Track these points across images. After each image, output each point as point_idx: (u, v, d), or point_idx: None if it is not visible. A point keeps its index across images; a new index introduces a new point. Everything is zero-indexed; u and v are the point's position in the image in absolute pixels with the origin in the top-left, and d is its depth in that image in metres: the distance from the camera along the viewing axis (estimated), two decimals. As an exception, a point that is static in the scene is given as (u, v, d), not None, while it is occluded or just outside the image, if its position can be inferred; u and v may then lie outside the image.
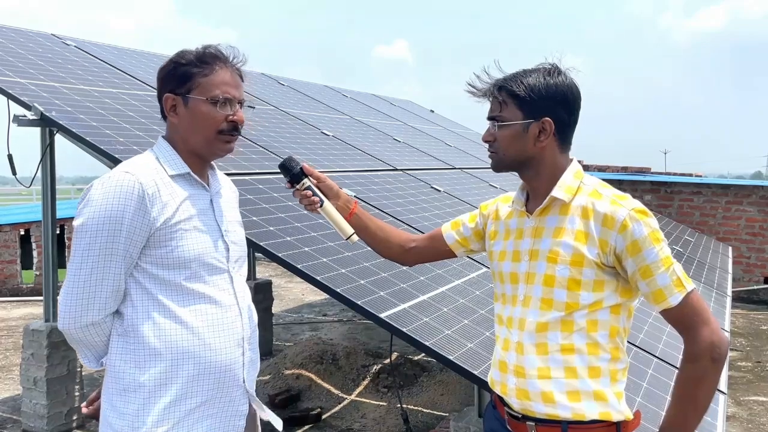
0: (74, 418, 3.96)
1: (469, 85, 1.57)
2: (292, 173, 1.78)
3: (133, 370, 1.51)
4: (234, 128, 1.61)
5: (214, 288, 1.57)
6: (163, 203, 1.51)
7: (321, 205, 1.77)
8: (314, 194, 1.77)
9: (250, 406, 1.66)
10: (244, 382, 1.62)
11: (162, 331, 1.51)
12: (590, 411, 1.45)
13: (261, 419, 1.75)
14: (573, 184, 1.52)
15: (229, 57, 1.62)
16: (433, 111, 9.50)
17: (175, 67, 1.59)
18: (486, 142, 1.58)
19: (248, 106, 1.69)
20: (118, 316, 1.55)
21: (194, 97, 1.57)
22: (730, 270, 6.31)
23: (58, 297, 3.85)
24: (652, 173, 9.12)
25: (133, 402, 1.50)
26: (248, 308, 1.66)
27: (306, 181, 1.78)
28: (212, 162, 1.69)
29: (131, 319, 1.52)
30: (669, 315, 1.45)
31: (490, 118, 1.56)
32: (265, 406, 1.72)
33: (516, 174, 1.61)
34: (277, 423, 1.74)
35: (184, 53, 1.60)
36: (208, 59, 1.58)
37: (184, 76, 1.57)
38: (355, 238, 1.81)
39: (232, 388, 1.59)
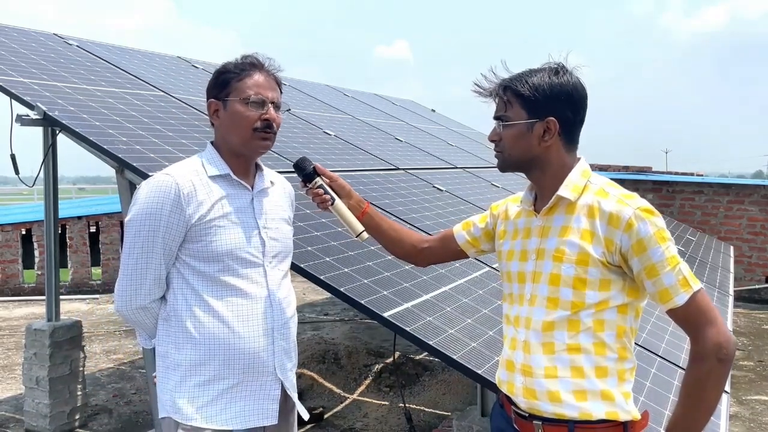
0: (76, 417, 3.97)
1: (476, 84, 1.58)
2: (305, 172, 1.86)
3: (174, 350, 1.70)
4: (268, 126, 1.73)
5: (247, 281, 1.71)
6: (198, 202, 1.67)
7: (332, 203, 1.84)
8: (326, 192, 1.84)
9: (284, 392, 1.78)
10: (275, 369, 1.74)
11: (196, 318, 1.68)
12: (597, 410, 1.45)
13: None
14: (579, 183, 1.52)
15: (264, 64, 1.77)
16: (434, 110, 9.50)
17: (217, 76, 1.76)
18: (492, 141, 1.59)
19: (286, 110, 1.82)
20: (163, 301, 1.74)
21: (231, 99, 1.72)
22: (732, 269, 6.30)
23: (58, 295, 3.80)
24: (653, 173, 9.12)
25: (172, 378, 1.70)
26: (282, 300, 1.77)
27: (318, 180, 1.85)
28: (261, 164, 1.84)
29: (172, 305, 1.71)
30: (675, 315, 1.45)
31: (495, 118, 1.57)
32: (295, 395, 1.83)
33: (518, 173, 1.61)
34: (303, 413, 1.86)
35: (226, 64, 1.77)
36: (245, 66, 1.75)
37: (223, 83, 1.74)
38: (365, 235, 1.85)
39: (262, 374, 1.72)
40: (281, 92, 1.80)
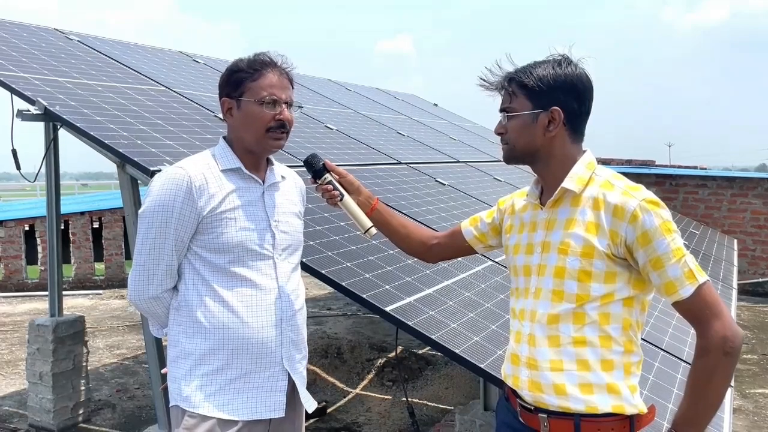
0: (80, 412, 3.98)
1: (481, 78, 1.58)
2: (315, 169, 1.88)
3: (184, 339, 1.72)
4: (281, 126, 1.76)
5: (256, 272, 1.73)
6: (210, 194, 1.70)
7: (341, 200, 1.86)
8: (335, 188, 1.86)
9: (292, 384, 1.78)
10: (282, 360, 1.75)
11: (207, 308, 1.70)
12: (603, 404, 1.45)
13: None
14: (584, 175, 1.51)
15: (277, 62, 1.79)
16: (436, 105, 9.47)
17: (230, 74, 1.78)
18: (498, 134, 1.59)
19: (298, 107, 1.85)
20: (175, 291, 1.76)
21: (245, 100, 1.74)
22: (736, 263, 6.29)
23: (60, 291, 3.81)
24: (656, 166, 9.09)
25: (182, 367, 1.72)
26: (291, 292, 1.79)
27: (327, 176, 1.88)
28: (272, 159, 1.86)
29: (184, 295, 1.74)
30: (681, 307, 1.44)
31: (501, 110, 1.57)
32: (303, 387, 1.82)
33: (521, 167, 1.60)
34: (309, 405, 1.84)
35: (238, 62, 1.79)
36: (257, 66, 1.76)
37: (237, 82, 1.76)
38: (373, 231, 1.85)
39: (269, 365, 1.74)
40: (293, 89, 1.82)
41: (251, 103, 1.73)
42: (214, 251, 1.70)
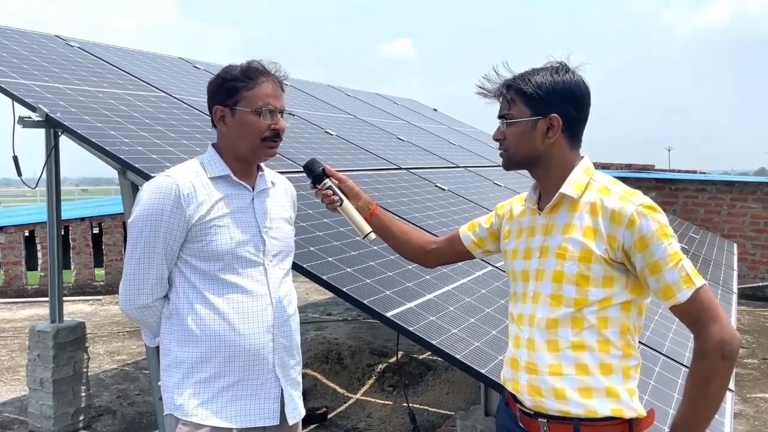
0: (81, 418, 3.97)
1: (479, 86, 1.59)
2: (315, 174, 1.89)
3: (176, 348, 1.72)
4: (276, 135, 1.77)
5: (247, 279, 1.73)
6: (198, 202, 1.69)
7: (340, 205, 1.86)
8: (334, 194, 1.87)
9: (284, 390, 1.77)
10: (275, 367, 1.75)
11: (198, 316, 1.70)
12: (602, 408, 1.45)
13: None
14: (582, 181, 1.52)
15: (271, 71, 1.79)
16: (436, 110, 9.49)
17: (222, 81, 1.76)
18: (496, 140, 1.60)
19: (289, 114, 1.85)
20: (166, 300, 1.76)
21: (241, 109, 1.73)
22: (736, 267, 6.29)
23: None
24: (656, 170, 9.10)
25: (174, 376, 1.72)
26: (283, 298, 1.79)
27: (327, 182, 1.88)
28: (262, 165, 1.86)
29: (175, 303, 1.74)
30: (678, 311, 1.45)
31: (499, 117, 1.58)
32: (295, 394, 1.81)
33: (520, 172, 1.62)
34: (294, 415, 1.81)
35: (231, 68, 1.77)
36: (252, 74, 1.75)
37: (231, 90, 1.74)
38: (373, 236, 1.87)
39: (262, 372, 1.73)
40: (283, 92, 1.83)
41: (247, 113, 1.73)
42: (204, 259, 1.70)
